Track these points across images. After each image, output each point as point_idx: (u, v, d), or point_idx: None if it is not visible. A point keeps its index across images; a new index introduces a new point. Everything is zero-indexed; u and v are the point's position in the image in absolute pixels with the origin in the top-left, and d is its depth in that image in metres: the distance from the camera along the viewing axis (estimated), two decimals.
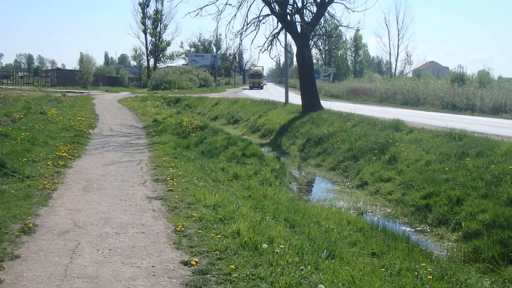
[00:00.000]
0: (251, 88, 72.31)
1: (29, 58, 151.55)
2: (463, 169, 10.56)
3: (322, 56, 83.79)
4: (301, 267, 5.00)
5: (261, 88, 73.51)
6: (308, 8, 23.68)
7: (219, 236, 5.87)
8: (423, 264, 6.08)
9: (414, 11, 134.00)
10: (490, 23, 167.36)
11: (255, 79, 74.88)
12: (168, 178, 9.20)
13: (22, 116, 17.95)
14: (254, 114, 27.57)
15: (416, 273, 5.59)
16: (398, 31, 76.99)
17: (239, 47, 28.90)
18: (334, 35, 22.66)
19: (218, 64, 72.88)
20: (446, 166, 11.11)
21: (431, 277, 5.48)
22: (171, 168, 10.21)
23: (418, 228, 9.22)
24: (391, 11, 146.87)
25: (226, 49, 75.49)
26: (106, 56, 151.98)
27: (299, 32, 23.28)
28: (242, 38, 23.03)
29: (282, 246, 5.51)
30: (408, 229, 9.15)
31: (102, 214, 6.93)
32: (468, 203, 8.97)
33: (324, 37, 23.97)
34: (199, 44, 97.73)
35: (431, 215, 9.38)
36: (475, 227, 8.05)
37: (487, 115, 26.61)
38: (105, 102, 32.72)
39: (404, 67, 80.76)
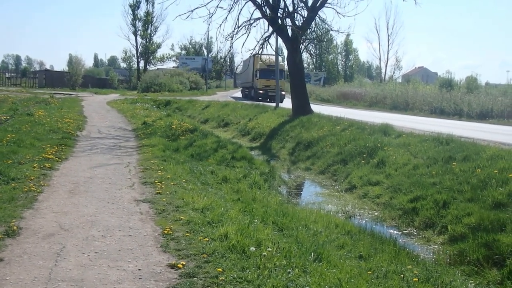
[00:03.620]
0: (258, 97, 40.04)
1: (17, 59, 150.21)
2: (449, 173, 10.64)
3: (313, 61, 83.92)
4: (289, 270, 5.01)
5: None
6: (299, 12, 23.70)
7: (207, 239, 5.85)
8: (409, 266, 6.13)
9: (404, 17, 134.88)
10: (480, 30, 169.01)
11: (269, 81, 39.16)
12: (156, 181, 9.16)
13: (8, 117, 17.77)
14: (244, 117, 27.57)
15: (402, 275, 5.64)
16: (388, 36, 77.74)
17: (230, 50, 28.83)
18: (325, 40, 22.75)
19: (209, 67, 72.72)
20: (433, 170, 11.18)
21: (417, 279, 5.54)
22: (159, 171, 10.17)
23: (405, 231, 9.26)
24: (381, 17, 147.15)
25: (217, 52, 75.46)
26: (95, 57, 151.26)
27: (290, 36, 23.34)
28: (233, 41, 22.85)
29: (270, 249, 5.51)
30: (395, 232, 9.19)
31: (88, 217, 6.88)
32: (454, 206, 9.03)
33: (315, 42, 24.03)
34: (190, 46, 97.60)
35: (418, 219, 9.43)
36: (461, 230, 8.11)
37: (474, 120, 26.85)
38: (94, 104, 32.58)
39: (394, 72, 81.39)
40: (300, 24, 23.10)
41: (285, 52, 25.57)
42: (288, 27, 23.52)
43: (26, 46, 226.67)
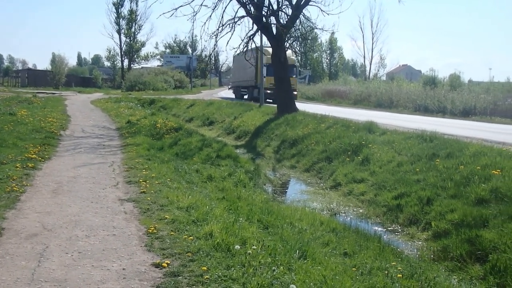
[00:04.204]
0: (266, 98, 32.57)
1: None
2: (433, 170, 10.72)
3: (297, 59, 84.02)
4: (273, 268, 5.00)
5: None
6: (284, 10, 23.71)
7: (192, 238, 5.82)
8: (393, 263, 6.14)
9: (388, 15, 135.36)
10: (463, 28, 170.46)
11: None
12: (141, 180, 9.10)
13: None
14: (229, 115, 27.53)
15: (387, 272, 5.67)
16: (373, 34, 77.81)
17: (214, 49, 28.74)
18: (310, 38, 22.71)
19: (194, 66, 72.53)
20: (417, 167, 11.26)
21: (401, 275, 5.56)
22: (144, 170, 10.11)
23: (389, 228, 9.31)
24: (365, 15, 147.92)
25: (202, 51, 75.27)
26: (79, 56, 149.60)
27: (275, 34, 23.33)
28: (217, 39, 22.77)
29: (255, 247, 5.51)
30: (380, 229, 9.24)
31: (72, 216, 6.81)
32: (438, 203, 9.11)
33: (300, 40, 24.07)
34: (175, 45, 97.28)
35: (403, 215, 9.50)
36: (444, 227, 8.18)
37: (457, 117, 27.12)
38: (77, 103, 32.31)
39: (378, 70, 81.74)
40: (285, 22, 23.11)
41: (270, 50, 25.48)
42: (272, 25, 23.52)
43: (9, 45, 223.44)
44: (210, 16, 23.71)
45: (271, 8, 23.49)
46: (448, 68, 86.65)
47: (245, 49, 23.17)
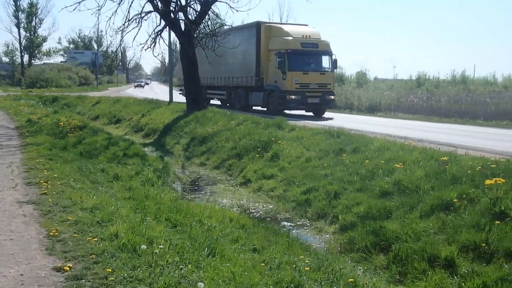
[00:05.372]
0: (285, 108, 22.95)
1: None
2: (340, 165, 11.04)
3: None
4: (181, 267, 4.93)
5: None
6: (192, 6, 23.43)
7: (96, 239, 5.57)
8: (301, 256, 6.24)
9: (297, 13, 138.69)
10: (368, 26, 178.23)
11: (308, 74, 22.56)
12: (42, 181, 8.57)
13: None
14: (137, 113, 26.93)
15: (295, 265, 5.74)
16: None
17: (120, 44, 27.77)
18: (220, 34, 22.65)
19: (100, 62, 70.17)
20: (325, 162, 11.56)
21: (309, 268, 5.67)
22: (45, 170, 9.55)
23: (298, 223, 9.46)
24: (275, 12, 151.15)
25: (108, 46, 72.97)
26: None
27: (183, 30, 23.03)
28: (123, 35, 22.01)
29: (162, 246, 5.39)
30: (289, 224, 9.36)
31: None
32: (344, 196, 9.38)
33: (210, 36, 23.92)
34: (79, 40, 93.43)
35: (311, 210, 9.68)
36: (351, 219, 8.43)
37: (364, 114, 28.26)
38: None
39: None
40: (193, 19, 22.88)
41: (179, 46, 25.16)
42: (181, 21, 23.22)
43: None
44: (116, 10, 22.80)
45: (179, 3, 23.15)
46: (355, 65, 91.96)
47: (152, 45, 22.61)
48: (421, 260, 6.29)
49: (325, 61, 23.42)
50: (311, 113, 23.76)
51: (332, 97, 23.56)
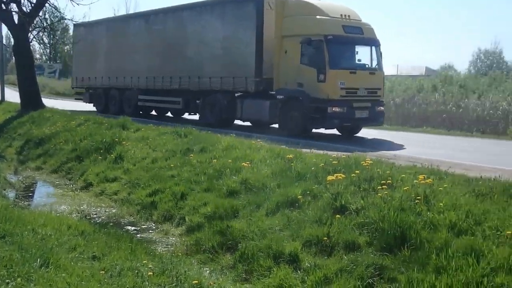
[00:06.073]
0: (327, 125, 15.28)
1: None
2: (187, 165, 10.85)
3: (46, 51, 78.31)
4: (8, 281, 4.57)
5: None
6: None
7: None
8: (145, 261, 6.00)
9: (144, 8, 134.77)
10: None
11: (356, 74, 14.94)
12: None
13: None
14: None
15: (137, 271, 5.51)
16: None
17: None
18: (59, 29, 21.20)
19: None
20: (172, 163, 11.29)
21: (152, 273, 5.48)
22: None
23: (143, 226, 9.10)
24: (121, 8, 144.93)
25: None
26: None
27: (17, 23, 21.31)
28: None
29: None
30: (133, 228, 8.97)
31: None
32: (192, 197, 9.20)
33: (47, 30, 22.36)
34: None
35: (157, 212, 9.37)
36: (198, 220, 8.26)
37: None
38: None
39: None
40: (28, 11, 21.22)
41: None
42: (14, 13, 21.41)
43: None
44: None
45: None
46: None
47: None
48: (267, 257, 6.33)
49: (373, 55, 15.88)
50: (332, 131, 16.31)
51: (382, 108, 16.06)
